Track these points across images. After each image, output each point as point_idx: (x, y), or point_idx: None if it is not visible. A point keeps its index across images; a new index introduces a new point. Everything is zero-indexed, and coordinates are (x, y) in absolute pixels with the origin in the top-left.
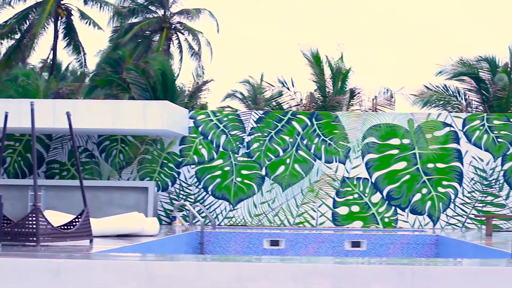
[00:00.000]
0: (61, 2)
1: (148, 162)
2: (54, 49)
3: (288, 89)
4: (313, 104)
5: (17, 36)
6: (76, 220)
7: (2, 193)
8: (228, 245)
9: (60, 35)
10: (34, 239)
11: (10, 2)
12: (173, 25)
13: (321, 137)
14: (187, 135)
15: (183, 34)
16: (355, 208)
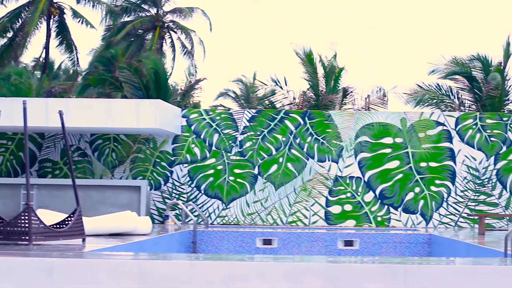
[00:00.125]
0: (54, 0)
1: (141, 161)
2: (46, 47)
3: (281, 88)
4: (306, 103)
5: (10, 34)
6: (69, 219)
7: None
8: (220, 244)
9: (53, 33)
10: (27, 238)
11: (3, 1)
12: (166, 24)
13: (314, 136)
14: (179, 134)
15: (176, 32)
16: (348, 207)
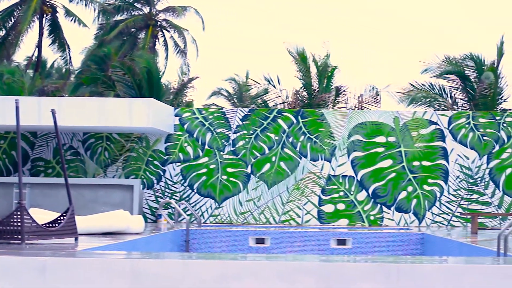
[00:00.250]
0: None
1: (134, 160)
2: (39, 46)
3: (274, 86)
4: (298, 101)
5: (2, 33)
6: (61, 218)
7: None
8: (213, 243)
9: (45, 32)
10: (19, 237)
11: None
12: (159, 23)
13: (307, 135)
14: (172, 132)
15: (168, 31)
16: (341, 206)
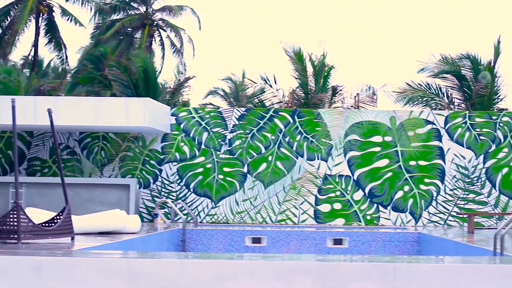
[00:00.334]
0: None
1: (130, 159)
2: (35, 45)
3: (270, 86)
4: (295, 101)
5: None
6: (58, 217)
7: None
8: (210, 242)
9: (42, 31)
10: (15, 236)
11: None
12: (155, 22)
13: (303, 134)
14: (169, 132)
15: (165, 31)
16: (337, 206)
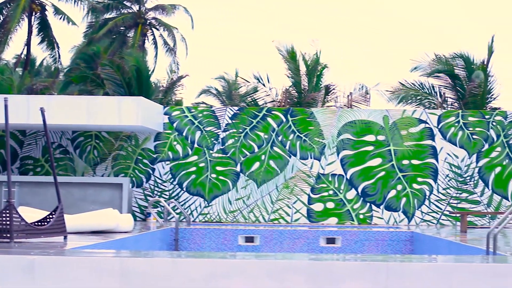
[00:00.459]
0: None
1: (123, 158)
2: (28, 44)
3: (263, 85)
4: (288, 100)
5: None
6: (50, 216)
7: None
8: (203, 241)
9: (34, 30)
10: (8, 235)
11: None
12: (148, 21)
13: (296, 133)
14: (161, 131)
15: (158, 30)
16: (330, 205)
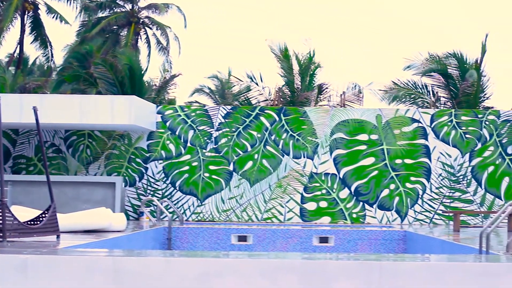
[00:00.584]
0: None
1: (116, 157)
2: (21, 43)
3: (256, 84)
4: (281, 99)
5: None
6: (43, 215)
7: None
8: (195, 240)
9: (27, 29)
10: (1, 234)
11: None
12: (141, 20)
13: (289, 132)
14: (154, 130)
15: (151, 28)
16: (323, 204)
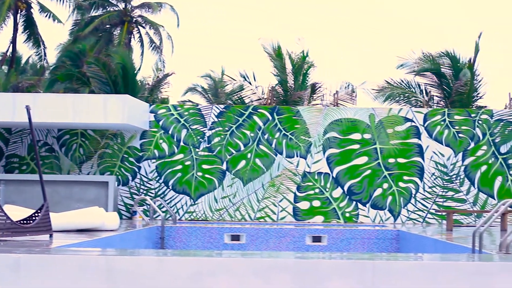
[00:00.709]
0: None
1: (109, 157)
2: (13, 42)
3: (249, 83)
4: (274, 98)
5: None
6: (36, 214)
7: None
8: (188, 239)
9: (20, 28)
10: None
11: None
12: (134, 19)
13: (282, 131)
14: (147, 129)
15: (144, 27)
16: (316, 203)
